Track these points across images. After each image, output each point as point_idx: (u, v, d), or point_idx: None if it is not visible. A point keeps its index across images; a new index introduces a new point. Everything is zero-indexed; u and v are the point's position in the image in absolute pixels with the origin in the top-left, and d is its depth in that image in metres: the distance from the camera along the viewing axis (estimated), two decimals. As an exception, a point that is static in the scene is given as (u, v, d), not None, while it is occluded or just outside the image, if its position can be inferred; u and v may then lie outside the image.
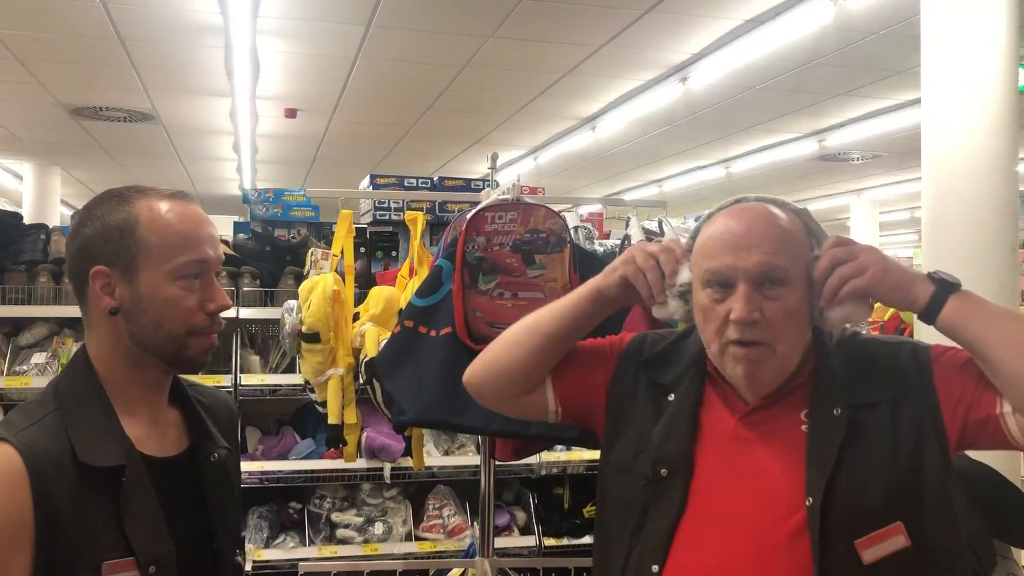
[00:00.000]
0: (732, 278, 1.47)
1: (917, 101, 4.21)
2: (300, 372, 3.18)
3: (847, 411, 1.49)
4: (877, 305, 5.73)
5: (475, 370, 1.77)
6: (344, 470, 3.98)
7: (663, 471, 1.54)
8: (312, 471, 4.02)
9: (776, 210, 1.54)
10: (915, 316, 1.49)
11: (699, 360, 1.62)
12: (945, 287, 1.46)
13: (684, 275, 1.57)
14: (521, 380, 1.71)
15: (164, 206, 1.47)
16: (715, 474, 1.53)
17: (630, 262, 1.60)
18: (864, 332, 1.63)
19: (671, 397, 1.61)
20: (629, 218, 3.07)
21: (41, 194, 12.32)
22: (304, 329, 2.71)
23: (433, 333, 2.31)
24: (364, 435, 3.79)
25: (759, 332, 1.46)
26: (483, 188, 3.91)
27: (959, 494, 1.56)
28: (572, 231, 2.56)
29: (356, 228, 3.71)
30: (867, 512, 1.43)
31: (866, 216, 14.15)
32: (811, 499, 1.43)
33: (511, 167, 11.34)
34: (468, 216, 2.37)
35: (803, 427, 1.51)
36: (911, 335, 5.25)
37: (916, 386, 1.50)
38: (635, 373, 1.69)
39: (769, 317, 1.46)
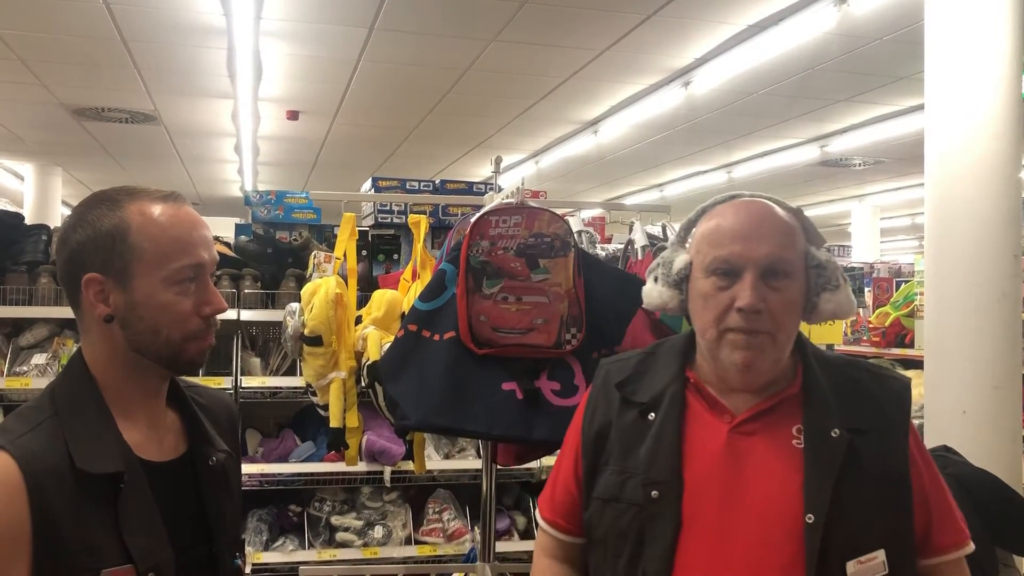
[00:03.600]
0: (741, 267, 1.50)
1: (920, 107, 4.20)
2: (301, 374, 3.17)
3: (845, 433, 1.50)
4: (879, 311, 5.72)
5: None
6: (344, 473, 3.98)
7: (654, 493, 1.51)
8: (312, 474, 4.01)
9: (777, 207, 1.58)
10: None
11: (678, 373, 1.61)
12: None
13: (679, 263, 1.59)
14: None
15: (156, 209, 1.44)
16: (708, 489, 1.50)
17: None
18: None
19: (652, 416, 1.57)
20: (632, 223, 3.06)
21: (42, 195, 12.32)
22: (306, 332, 2.70)
23: (437, 337, 2.30)
24: (364, 438, 3.78)
25: (762, 321, 1.48)
26: (486, 192, 3.90)
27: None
28: (576, 235, 2.56)
29: (358, 231, 3.71)
30: (860, 535, 1.46)
31: (867, 222, 14.14)
32: (811, 517, 1.44)
33: (512, 171, 11.33)
34: (472, 220, 2.36)
35: (795, 442, 1.51)
36: (911, 341, 5.24)
37: (900, 429, 1.56)
38: (606, 402, 1.65)
39: (772, 307, 1.49)
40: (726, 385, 1.56)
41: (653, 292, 1.65)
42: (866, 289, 6.39)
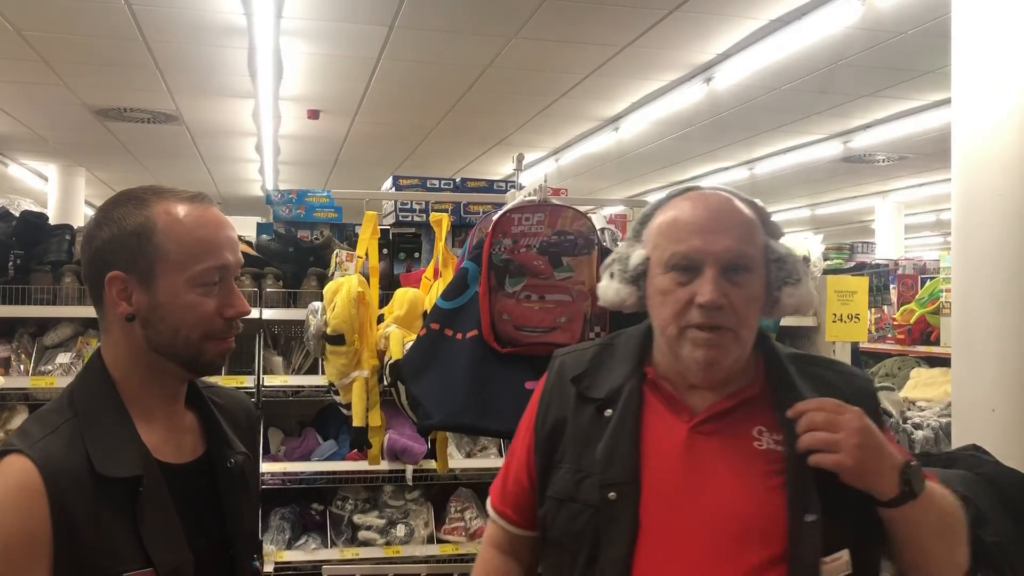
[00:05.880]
0: (700, 262, 1.44)
1: (944, 102, 4.15)
2: (323, 373, 3.17)
3: None
4: (903, 307, 5.66)
5: None
6: (366, 472, 3.97)
7: (611, 495, 1.46)
8: (334, 472, 4.01)
9: (735, 199, 1.54)
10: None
11: (636, 367, 1.56)
12: (909, 494, 1.41)
13: (636, 258, 1.53)
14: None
15: (182, 210, 1.43)
16: (666, 491, 1.46)
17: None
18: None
19: (608, 412, 1.52)
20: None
21: (66, 195, 12.43)
22: (329, 331, 2.69)
23: (459, 336, 2.29)
24: (386, 437, 3.77)
25: (724, 317, 1.44)
26: (507, 190, 3.89)
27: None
28: (599, 233, 2.54)
29: (379, 229, 3.70)
30: (834, 534, 1.42)
31: (891, 218, 14.02)
32: (810, 516, 1.40)
33: (533, 168, 11.32)
34: (494, 217, 2.34)
35: (756, 444, 1.47)
36: (937, 338, 5.18)
37: None
38: (562, 396, 1.60)
39: (735, 302, 1.44)
40: (685, 382, 1.52)
41: (609, 289, 1.58)
42: (891, 286, 6.33)
